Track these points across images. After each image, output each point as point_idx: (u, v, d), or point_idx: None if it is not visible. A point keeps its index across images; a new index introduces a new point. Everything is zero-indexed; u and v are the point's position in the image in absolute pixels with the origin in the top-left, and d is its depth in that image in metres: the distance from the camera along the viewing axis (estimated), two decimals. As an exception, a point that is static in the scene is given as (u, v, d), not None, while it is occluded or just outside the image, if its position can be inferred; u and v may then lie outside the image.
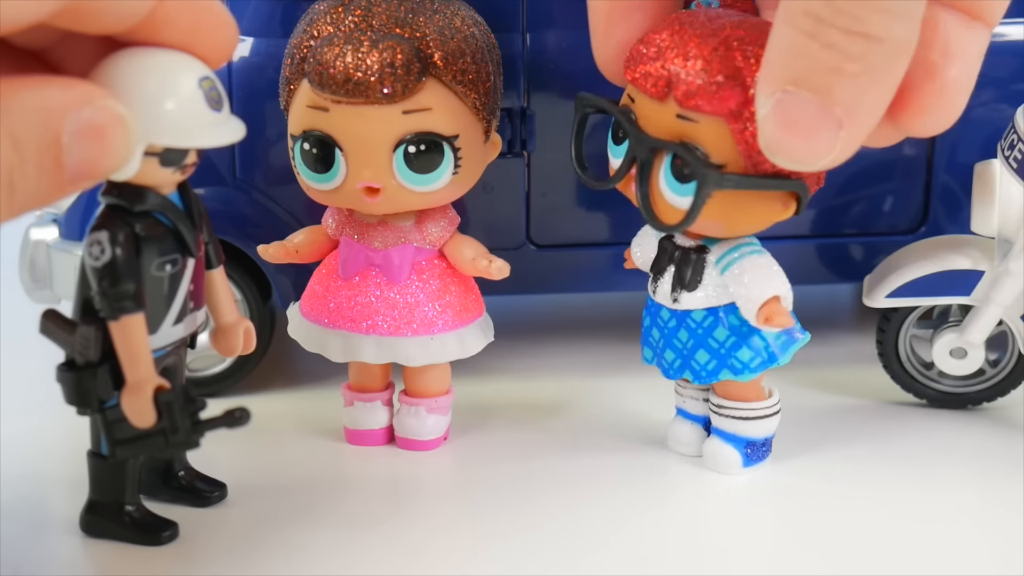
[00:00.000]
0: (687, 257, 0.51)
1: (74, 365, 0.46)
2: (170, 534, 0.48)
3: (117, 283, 0.44)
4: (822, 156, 0.43)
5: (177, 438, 0.44)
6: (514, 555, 0.48)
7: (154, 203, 0.45)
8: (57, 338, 0.46)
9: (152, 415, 0.44)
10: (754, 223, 0.49)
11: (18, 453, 0.55)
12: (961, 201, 0.62)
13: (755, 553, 0.48)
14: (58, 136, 0.38)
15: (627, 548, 0.48)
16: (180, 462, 0.51)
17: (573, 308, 0.55)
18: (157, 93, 0.42)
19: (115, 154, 0.39)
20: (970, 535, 0.49)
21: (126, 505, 0.48)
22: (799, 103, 0.42)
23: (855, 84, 0.41)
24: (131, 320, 0.44)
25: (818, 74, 0.41)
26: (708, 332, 0.52)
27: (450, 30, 0.51)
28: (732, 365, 0.52)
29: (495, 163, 0.56)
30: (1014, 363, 0.59)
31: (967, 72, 0.45)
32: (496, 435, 0.57)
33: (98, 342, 0.45)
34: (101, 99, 0.39)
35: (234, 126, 0.44)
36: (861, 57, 0.41)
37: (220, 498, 0.51)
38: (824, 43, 0.41)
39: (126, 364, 0.44)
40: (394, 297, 0.54)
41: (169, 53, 0.42)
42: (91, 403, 0.46)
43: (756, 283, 0.50)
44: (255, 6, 0.58)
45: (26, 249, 0.62)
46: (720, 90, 0.46)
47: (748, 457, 0.53)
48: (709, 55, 0.46)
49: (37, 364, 0.62)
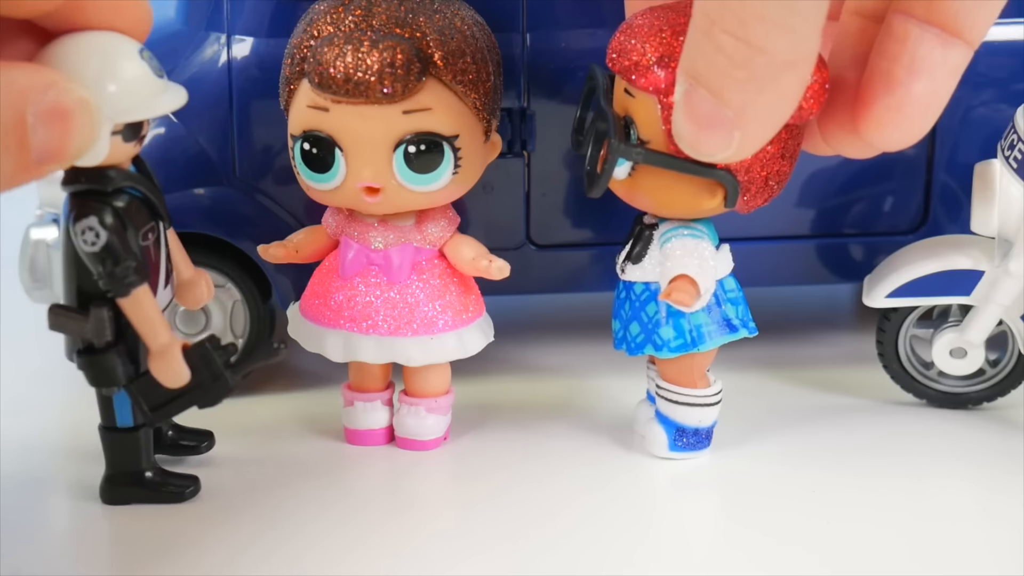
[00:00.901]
0: (642, 233, 0.53)
1: (91, 349, 0.47)
2: (193, 489, 0.51)
3: (119, 261, 0.46)
4: (719, 151, 0.44)
5: (219, 384, 0.47)
6: (514, 555, 0.48)
7: (121, 179, 0.47)
8: (70, 328, 0.48)
9: (186, 373, 0.46)
10: (683, 205, 0.51)
11: (18, 452, 0.55)
12: (961, 201, 0.62)
13: (755, 553, 0.48)
14: (22, 117, 0.39)
15: (630, 548, 0.48)
16: (167, 422, 0.53)
17: (573, 308, 0.55)
18: (106, 72, 0.44)
19: (80, 136, 0.40)
20: (970, 535, 0.49)
21: (145, 472, 0.50)
22: (699, 98, 0.43)
23: (743, 89, 0.42)
24: (140, 292, 0.46)
25: (711, 74, 0.42)
26: (642, 306, 0.53)
27: (450, 30, 0.51)
28: (654, 340, 0.53)
29: (495, 163, 0.56)
30: (1014, 363, 0.59)
31: (935, 90, 0.45)
32: (496, 435, 0.57)
33: (112, 322, 0.47)
34: (65, 82, 0.40)
35: (178, 91, 0.46)
36: (745, 64, 0.41)
37: (209, 447, 0.53)
38: (715, 45, 0.42)
39: (146, 334, 0.46)
40: (394, 297, 0.54)
41: (101, 34, 0.44)
42: (117, 381, 0.48)
43: (676, 260, 0.51)
44: (254, 5, 0.58)
45: (26, 249, 0.62)
46: (654, 70, 0.48)
47: (675, 443, 0.54)
48: (656, 36, 0.48)
49: (37, 363, 0.62)
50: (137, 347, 0.48)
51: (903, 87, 0.44)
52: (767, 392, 0.62)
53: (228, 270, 0.59)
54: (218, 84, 0.59)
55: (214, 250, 0.59)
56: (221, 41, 0.59)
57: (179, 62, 0.58)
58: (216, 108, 0.58)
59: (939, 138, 0.61)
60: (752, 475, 0.53)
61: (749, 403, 0.60)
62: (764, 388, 0.62)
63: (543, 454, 0.55)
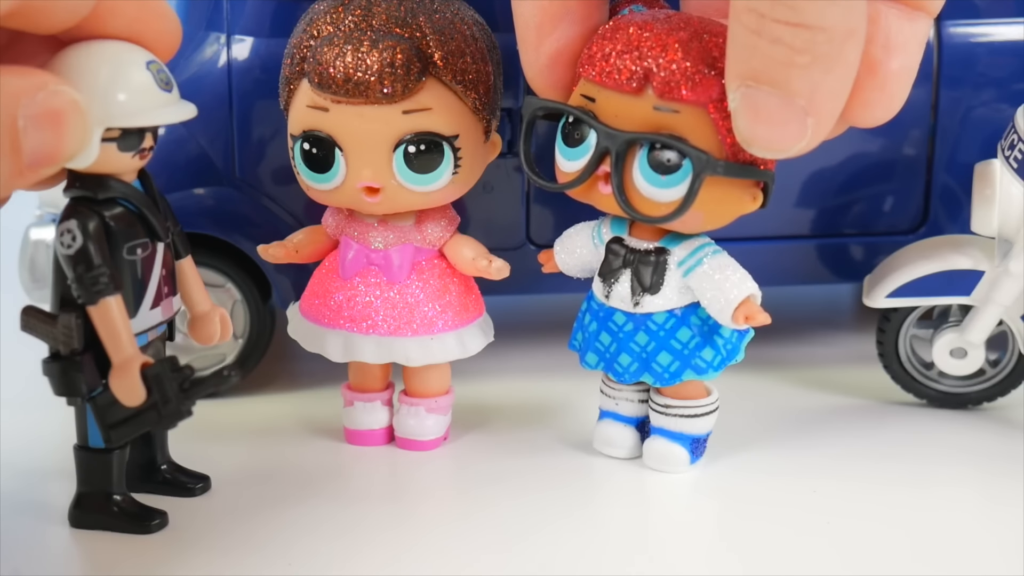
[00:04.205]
0: (646, 259, 0.51)
1: (59, 356, 0.46)
2: (159, 522, 0.49)
3: (91, 268, 0.45)
4: (796, 143, 0.44)
5: (169, 409, 0.45)
6: (515, 555, 0.48)
7: (117, 190, 0.46)
8: (39, 332, 0.47)
9: (142, 392, 0.45)
10: (727, 215, 0.49)
11: (18, 451, 0.55)
12: (961, 201, 0.62)
13: (756, 553, 0.48)
14: (13, 120, 0.38)
15: (631, 547, 0.48)
16: (162, 455, 0.52)
17: (573, 308, 0.55)
18: (110, 77, 0.44)
19: (72, 138, 0.40)
20: (970, 535, 0.49)
21: (114, 495, 0.49)
22: (763, 97, 0.43)
23: (809, 74, 0.42)
24: (109, 302, 0.45)
25: (772, 69, 0.42)
26: (671, 334, 0.51)
27: (450, 30, 0.51)
28: (696, 366, 0.51)
29: (495, 163, 0.56)
30: (1014, 363, 0.59)
31: (908, 64, 0.46)
32: (496, 435, 0.57)
33: (80, 330, 0.46)
34: (55, 84, 0.40)
35: (186, 106, 0.46)
36: (807, 48, 0.41)
37: (204, 490, 0.52)
38: (770, 39, 0.42)
39: (110, 346, 0.45)
40: (394, 297, 0.54)
41: (116, 43, 0.44)
42: (79, 392, 0.46)
43: (730, 284, 0.50)
44: (254, 5, 0.58)
45: (26, 249, 0.62)
46: (704, 79, 0.46)
47: (694, 455, 0.53)
48: (687, 46, 0.46)
49: (36, 362, 0.62)
50: (108, 362, 0.46)
51: (883, 66, 0.45)
52: (767, 392, 0.62)
53: (228, 270, 0.59)
54: (218, 84, 0.59)
55: (214, 250, 0.59)
56: (221, 41, 0.59)
57: (179, 62, 0.58)
58: (216, 108, 0.58)
59: (939, 138, 0.61)
60: (752, 475, 0.53)
61: (749, 403, 0.60)
62: (764, 388, 0.62)
63: (543, 455, 0.55)
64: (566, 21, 0.50)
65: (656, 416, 0.53)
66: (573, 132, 0.49)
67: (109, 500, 0.49)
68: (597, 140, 0.49)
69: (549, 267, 0.55)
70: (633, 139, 0.48)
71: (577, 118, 0.49)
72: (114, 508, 0.49)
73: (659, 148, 0.47)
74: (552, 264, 0.55)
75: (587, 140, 0.49)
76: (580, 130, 0.49)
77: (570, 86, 0.51)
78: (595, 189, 0.49)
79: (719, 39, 0.46)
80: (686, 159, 0.47)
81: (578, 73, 0.50)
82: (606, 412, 0.55)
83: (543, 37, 0.50)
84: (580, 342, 0.54)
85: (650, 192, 0.48)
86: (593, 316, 0.53)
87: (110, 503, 0.49)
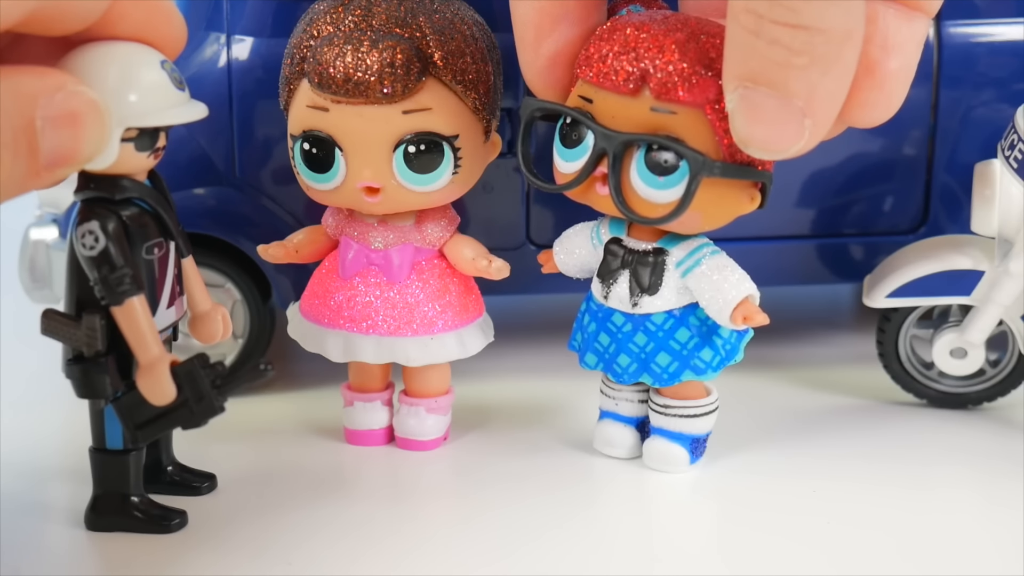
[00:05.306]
0: (645, 260, 0.51)
1: (81, 358, 0.46)
2: (179, 522, 0.49)
3: (115, 269, 0.45)
4: (793, 144, 0.44)
5: (203, 405, 0.45)
6: (515, 555, 0.48)
7: (132, 190, 0.46)
8: (61, 335, 0.46)
9: (172, 391, 0.45)
10: (725, 215, 0.49)
11: (18, 451, 0.55)
12: (961, 201, 0.62)
13: (757, 552, 0.48)
14: (31, 121, 0.38)
15: (631, 547, 0.48)
16: (168, 456, 0.52)
17: (573, 308, 0.55)
18: (126, 77, 0.44)
19: (90, 139, 0.40)
20: (970, 535, 0.49)
21: (132, 496, 0.49)
22: (760, 98, 0.43)
23: (807, 75, 0.42)
24: (134, 302, 0.45)
25: (770, 70, 0.42)
26: (669, 334, 0.51)
27: (450, 30, 0.51)
28: (695, 366, 0.51)
29: (495, 163, 0.56)
30: (1014, 363, 0.59)
31: (907, 64, 0.46)
32: (496, 435, 0.57)
33: (104, 331, 0.46)
34: (74, 85, 0.39)
35: (198, 105, 0.46)
36: (805, 50, 0.41)
37: (210, 488, 0.52)
38: (768, 39, 0.42)
39: (136, 346, 0.45)
40: (394, 297, 0.54)
41: (128, 43, 0.44)
42: (103, 393, 0.46)
43: (728, 284, 0.50)
44: (254, 5, 0.58)
45: (26, 249, 0.62)
46: (701, 80, 0.46)
47: (694, 455, 0.53)
48: (683, 47, 0.46)
49: (37, 362, 0.62)
50: (130, 362, 0.46)
51: (881, 66, 0.45)
52: (767, 392, 0.62)
53: (228, 270, 0.59)
54: (218, 84, 0.59)
55: (214, 250, 0.59)
56: (221, 41, 0.59)
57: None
58: (216, 108, 0.58)
59: (939, 138, 0.61)
60: (752, 475, 0.53)
61: (749, 403, 0.60)
62: (764, 388, 0.62)
63: (543, 455, 0.55)
64: (564, 22, 0.50)
65: (656, 416, 0.53)
66: (571, 133, 0.49)
67: (126, 502, 0.49)
68: (594, 141, 0.49)
69: (548, 267, 0.55)
70: (630, 140, 0.48)
71: (574, 119, 0.49)
72: (132, 510, 0.49)
73: (656, 149, 0.47)
74: (551, 264, 0.55)
75: (585, 141, 0.49)
76: (578, 131, 0.49)
77: (568, 87, 0.51)
78: (593, 190, 0.49)
79: (716, 40, 0.47)
80: (683, 160, 0.47)
81: (576, 74, 0.50)
82: (606, 412, 0.55)
83: (541, 38, 0.50)
84: (579, 343, 0.54)
85: (647, 193, 0.48)
86: (592, 317, 0.53)
87: (128, 505, 0.49)
